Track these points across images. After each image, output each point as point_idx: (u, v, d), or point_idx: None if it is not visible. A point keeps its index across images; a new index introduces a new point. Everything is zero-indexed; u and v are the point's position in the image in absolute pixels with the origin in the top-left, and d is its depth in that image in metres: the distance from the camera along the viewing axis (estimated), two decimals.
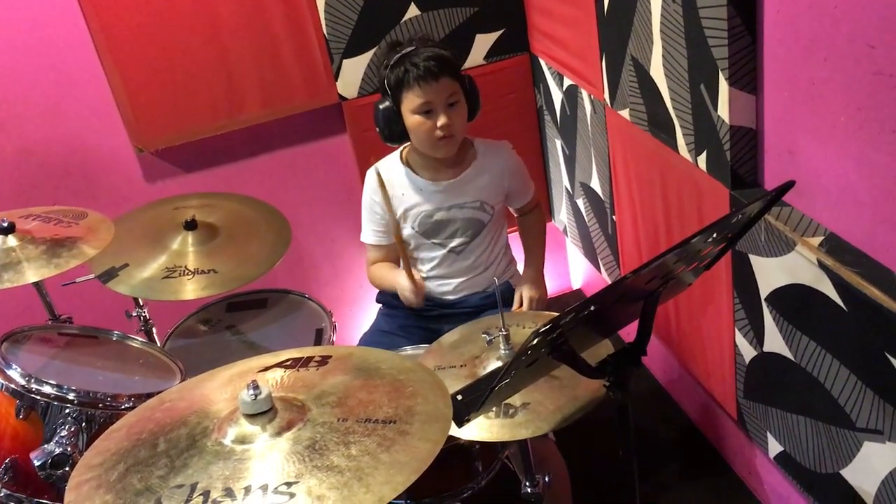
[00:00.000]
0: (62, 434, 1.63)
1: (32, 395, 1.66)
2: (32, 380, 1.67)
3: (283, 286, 2.41)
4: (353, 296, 2.88)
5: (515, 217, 2.33)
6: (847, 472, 1.64)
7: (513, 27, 2.64)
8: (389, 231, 2.17)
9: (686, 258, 1.37)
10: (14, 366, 1.70)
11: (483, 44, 2.63)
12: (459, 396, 1.34)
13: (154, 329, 2.28)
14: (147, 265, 2.07)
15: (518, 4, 2.62)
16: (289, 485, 1.06)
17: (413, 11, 2.51)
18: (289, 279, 2.61)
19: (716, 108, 1.70)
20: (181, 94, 2.45)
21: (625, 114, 2.14)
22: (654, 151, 2.04)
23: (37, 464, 1.58)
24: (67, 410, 1.67)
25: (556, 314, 1.19)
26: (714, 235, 1.34)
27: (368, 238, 2.20)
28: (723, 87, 1.65)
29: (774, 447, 1.88)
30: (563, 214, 2.88)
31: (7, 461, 1.64)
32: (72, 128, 2.45)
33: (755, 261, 1.74)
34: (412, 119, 1.99)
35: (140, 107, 2.44)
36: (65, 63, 2.38)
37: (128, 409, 1.63)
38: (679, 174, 1.96)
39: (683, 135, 1.87)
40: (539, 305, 2.16)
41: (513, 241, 2.33)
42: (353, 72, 2.54)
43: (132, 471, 1.13)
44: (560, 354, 1.30)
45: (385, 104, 2.01)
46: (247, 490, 1.07)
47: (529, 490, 1.64)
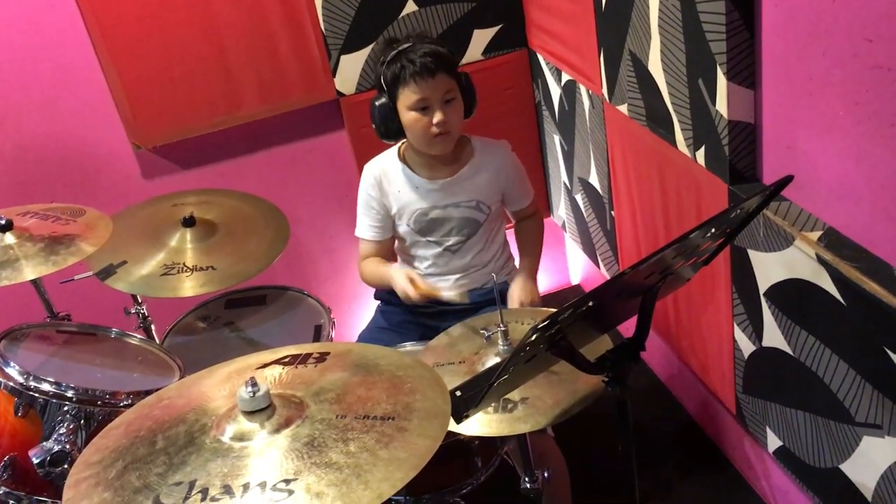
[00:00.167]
0: (61, 432, 1.63)
1: (31, 393, 1.66)
2: (31, 377, 1.67)
3: (282, 283, 2.41)
4: (352, 292, 2.88)
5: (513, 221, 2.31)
6: (846, 467, 1.64)
7: (511, 22, 2.64)
8: (385, 227, 2.16)
9: (685, 253, 1.36)
10: (12, 363, 1.69)
11: (481, 39, 2.63)
12: (458, 392, 1.33)
13: (153, 326, 2.28)
14: (145, 262, 2.07)
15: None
16: (287, 482, 1.06)
17: (411, 7, 2.51)
18: (287, 276, 2.61)
19: (714, 103, 1.70)
20: (179, 91, 2.45)
21: (623, 109, 2.14)
22: (653, 146, 2.03)
23: (35, 461, 1.58)
24: (66, 408, 1.67)
25: (555, 310, 1.19)
26: (713, 230, 1.34)
27: (364, 233, 2.19)
28: (721, 82, 1.65)
29: (774, 442, 1.88)
30: (562, 210, 2.88)
31: (6, 459, 1.64)
32: (69, 125, 2.45)
33: (754, 256, 1.74)
34: (408, 116, 1.98)
35: (138, 103, 2.44)
36: (62, 60, 2.37)
37: (126, 407, 1.63)
38: (677, 169, 1.95)
39: (682, 130, 1.87)
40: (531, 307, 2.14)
41: (511, 240, 2.32)
42: (351, 68, 2.54)
43: (130, 468, 1.13)
44: (558, 350, 1.30)
45: (381, 101, 2.01)
46: (245, 487, 1.06)
47: (529, 486, 1.64)
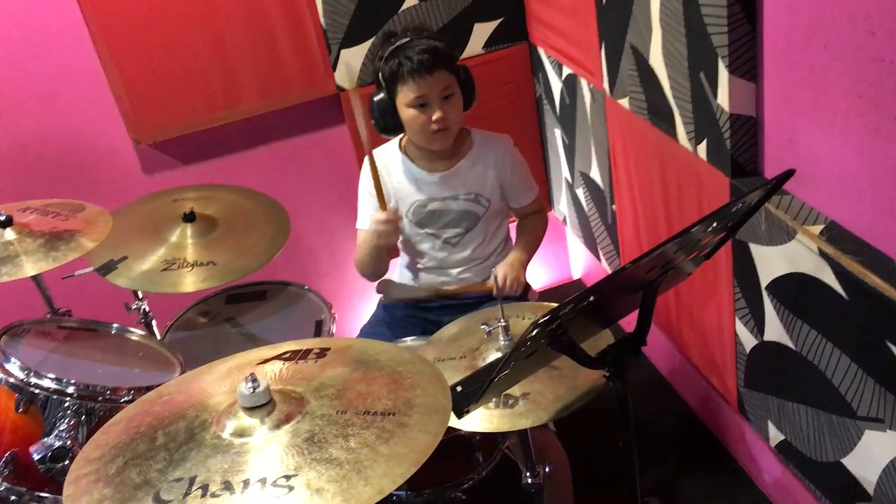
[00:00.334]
0: (62, 427, 1.63)
1: (32, 389, 1.66)
2: (32, 373, 1.67)
3: (283, 278, 2.40)
4: (353, 287, 2.88)
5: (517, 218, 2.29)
6: (848, 461, 1.63)
7: (511, 16, 2.63)
8: None
9: (686, 247, 1.36)
10: (13, 359, 1.69)
11: (482, 33, 2.62)
12: (459, 388, 1.33)
13: (154, 322, 2.28)
14: (146, 258, 2.06)
15: None
16: (287, 478, 1.06)
17: (411, 1, 2.50)
18: (288, 271, 2.61)
19: (716, 97, 1.69)
20: (178, 86, 2.44)
21: (624, 103, 2.13)
22: (654, 140, 2.03)
23: (36, 457, 1.58)
24: (67, 404, 1.67)
25: (556, 305, 1.19)
26: (714, 224, 1.34)
27: (364, 223, 2.18)
28: (722, 75, 1.64)
29: (775, 436, 1.88)
30: (563, 204, 2.88)
31: (7, 455, 1.64)
32: (69, 120, 2.45)
33: (755, 249, 1.73)
34: (407, 112, 1.98)
35: (137, 99, 2.43)
36: (62, 55, 2.37)
37: (127, 403, 1.62)
38: (679, 163, 1.95)
39: (683, 123, 1.87)
40: (513, 285, 2.09)
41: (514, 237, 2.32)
42: (351, 62, 2.53)
43: (131, 464, 1.13)
44: (559, 345, 1.30)
45: (380, 96, 2.00)
46: (245, 483, 1.06)
47: (530, 480, 1.64)
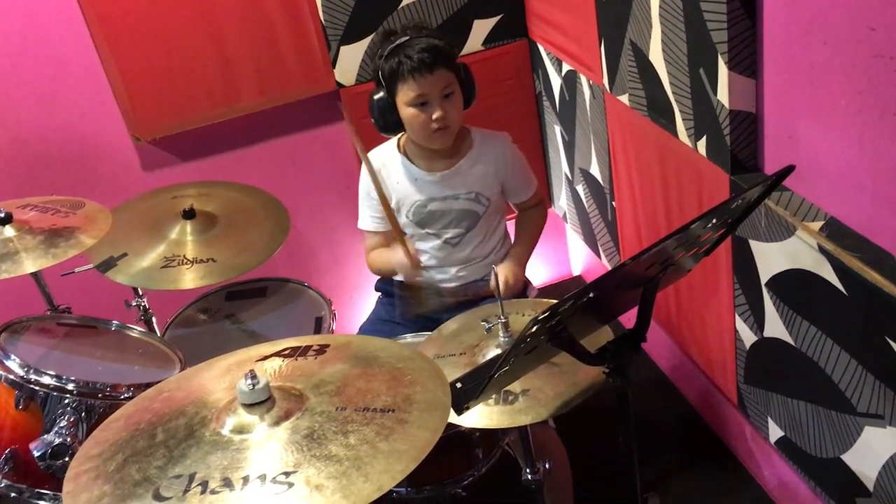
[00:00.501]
0: (62, 424, 1.64)
1: (31, 386, 1.66)
2: (31, 370, 1.67)
3: (283, 275, 2.41)
4: (353, 284, 2.88)
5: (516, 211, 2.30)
6: (848, 457, 1.63)
7: (511, 12, 2.62)
8: (387, 217, 2.16)
9: (686, 244, 1.36)
10: (13, 356, 1.69)
11: (481, 29, 2.62)
12: (459, 384, 1.33)
13: (153, 319, 2.27)
14: (145, 254, 2.06)
15: None
16: (287, 474, 1.06)
17: None
18: (288, 268, 2.61)
19: (715, 93, 1.69)
20: (178, 83, 2.44)
21: (624, 99, 2.13)
22: (654, 137, 2.03)
23: (36, 454, 1.58)
24: (67, 401, 1.67)
25: (556, 301, 1.19)
26: (714, 221, 1.33)
27: (366, 224, 2.19)
28: (722, 72, 1.64)
29: (775, 432, 1.88)
30: (563, 201, 2.88)
31: (7, 452, 1.64)
32: (69, 117, 2.45)
33: (755, 246, 1.73)
34: (407, 111, 1.97)
35: (137, 96, 2.43)
36: (61, 52, 2.37)
37: (127, 399, 1.62)
38: (679, 159, 1.95)
39: (683, 120, 1.86)
40: (516, 287, 2.13)
41: (512, 232, 2.32)
42: (351, 59, 2.53)
43: (130, 461, 1.13)
44: (559, 341, 1.30)
45: (379, 95, 2.00)
46: (245, 480, 1.06)
47: (530, 477, 1.64)
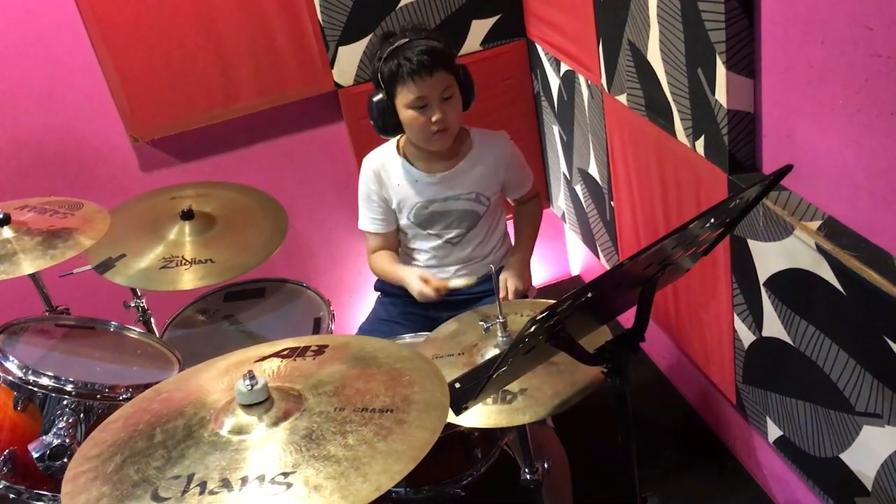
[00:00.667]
0: (60, 425, 1.64)
1: (30, 387, 1.66)
2: (30, 371, 1.67)
3: (281, 275, 2.41)
4: (352, 284, 2.88)
5: (512, 206, 2.32)
6: (846, 456, 1.64)
7: (509, 12, 2.62)
8: (387, 219, 2.16)
9: (684, 243, 1.36)
10: (11, 357, 1.69)
11: (479, 29, 2.62)
12: (457, 384, 1.33)
13: (152, 319, 2.28)
14: (144, 255, 2.06)
15: None
16: (286, 475, 1.06)
17: None
18: (287, 268, 2.61)
19: (713, 93, 1.69)
20: (176, 84, 2.44)
21: (622, 99, 2.13)
22: (652, 136, 2.03)
23: (35, 455, 1.58)
24: (65, 402, 1.67)
25: (554, 301, 1.19)
26: (712, 220, 1.33)
27: (366, 226, 2.19)
28: (720, 71, 1.64)
29: (774, 432, 1.88)
30: (562, 201, 2.88)
31: (5, 453, 1.64)
32: (67, 118, 2.44)
33: (754, 245, 1.73)
34: (406, 113, 1.97)
35: (135, 96, 2.43)
36: (59, 53, 2.37)
37: (126, 400, 1.62)
38: (677, 159, 1.95)
39: (681, 119, 1.87)
40: (522, 295, 2.14)
41: (510, 231, 2.32)
42: (349, 59, 2.53)
43: (129, 462, 1.13)
44: (558, 341, 1.30)
45: (378, 97, 2.00)
46: (244, 480, 1.06)
47: (529, 476, 1.65)
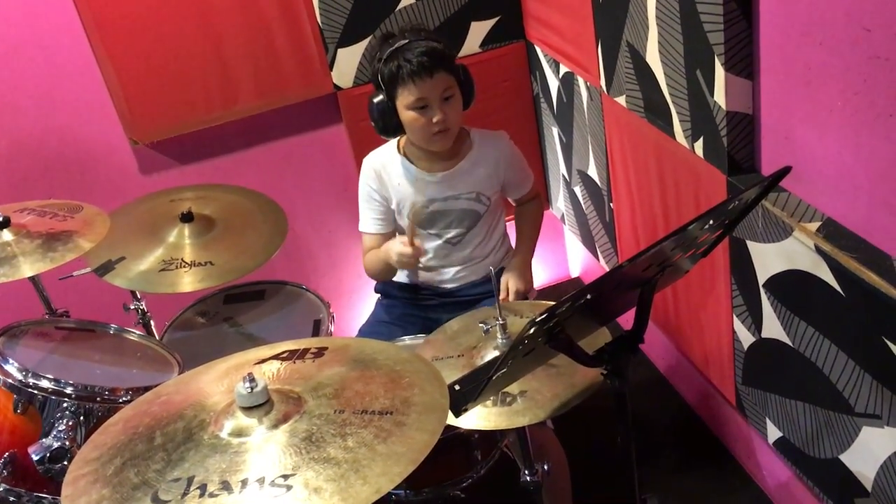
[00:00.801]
0: (60, 428, 1.64)
1: (30, 390, 1.66)
2: (30, 374, 1.67)
3: (281, 277, 2.41)
4: (352, 286, 2.88)
5: (513, 206, 2.32)
6: (846, 457, 1.64)
7: (508, 14, 2.63)
8: (388, 219, 2.16)
9: (683, 245, 1.36)
10: (11, 360, 1.69)
11: (478, 31, 2.62)
12: (457, 386, 1.33)
13: (152, 322, 2.28)
14: (144, 258, 2.06)
15: None
16: (286, 477, 1.06)
17: (408, 0, 2.50)
18: (286, 270, 2.61)
19: (712, 94, 1.69)
20: (175, 86, 2.44)
21: (621, 100, 2.13)
22: (651, 138, 2.03)
23: (35, 458, 1.58)
24: (65, 404, 1.67)
25: (553, 303, 1.19)
26: (711, 222, 1.33)
27: (368, 227, 2.19)
28: (719, 73, 1.64)
29: (773, 433, 1.88)
30: (561, 202, 2.88)
31: (5, 456, 1.64)
32: (66, 121, 2.44)
33: (753, 247, 1.73)
34: (407, 114, 1.98)
35: (134, 99, 2.43)
36: (58, 56, 2.37)
37: (126, 403, 1.62)
38: (676, 160, 1.95)
39: (680, 121, 1.87)
40: (523, 297, 2.15)
41: (510, 230, 2.32)
42: (349, 61, 2.53)
43: (129, 465, 1.13)
44: (557, 343, 1.30)
45: (379, 98, 2.00)
46: (244, 483, 1.06)
47: (528, 478, 1.65)
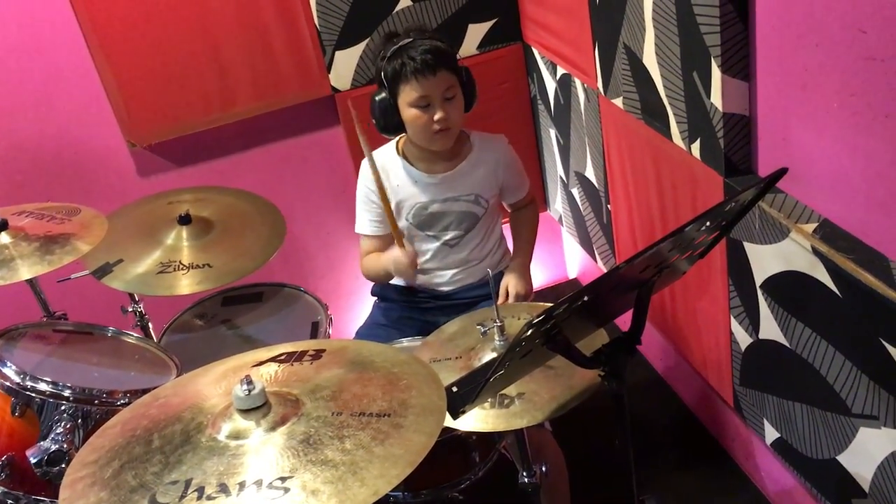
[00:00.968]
0: (58, 431, 1.64)
1: (28, 393, 1.66)
2: (28, 377, 1.67)
3: (279, 280, 2.41)
4: (349, 288, 2.88)
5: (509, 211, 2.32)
6: (843, 458, 1.64)
7: (505, 16, 2.63)
8: (385, 221, 2.16)
9: (680, 246, 1.36)
10: (9, 363, 1.69)
11: (476, 33, 2.62)
12: (454, 388, 1.33)
13: (150, 324, 2.28)
14: (141, 260, 2.06)
15: None
16: (283, 479, 1.06)
17: (405, 2, 2.50)
18: (284, 273, 2.61)
19: (709, 96, 1.70)
20: (173, 88, 2.44)
21: (618, 102, 2.14)
22: (648, 140, 2.03)
23: (33, 461, 1.58)
24: (63, 407, 1.67)
25: (551, 305, 1.19)
26: (708, 223, 1.34)
27: (364, 228, 2.19)
28: (715, 75, 1.65)
29: (771, 434, 1.88)
30: (559, 204, 2.88)
31: (3, 459, 1.64)
32: (63, 123, 2.45)
33: (750, 248, 1.74)
34: (409, 112, 1.98)
35: (132, 101, 2.43)
36: (55, 58, 2.37)
37: (124, 405, 1.62)
38: (673, 162, 1.95)
39: (677, 122, 1.87)
40: (523, 300, 2.16)
41: (507, 234, 2.33)
42: (346, 63, 2.53)
43: (127, 467, 1.13)
44: (554, 345, 1.30)
45: (381, 96, 2.01)
46: (241, 485, 1.06)
47: (527, 480, 1.65)
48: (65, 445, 1.61)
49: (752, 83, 1.63)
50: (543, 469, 1.65)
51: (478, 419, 1.47)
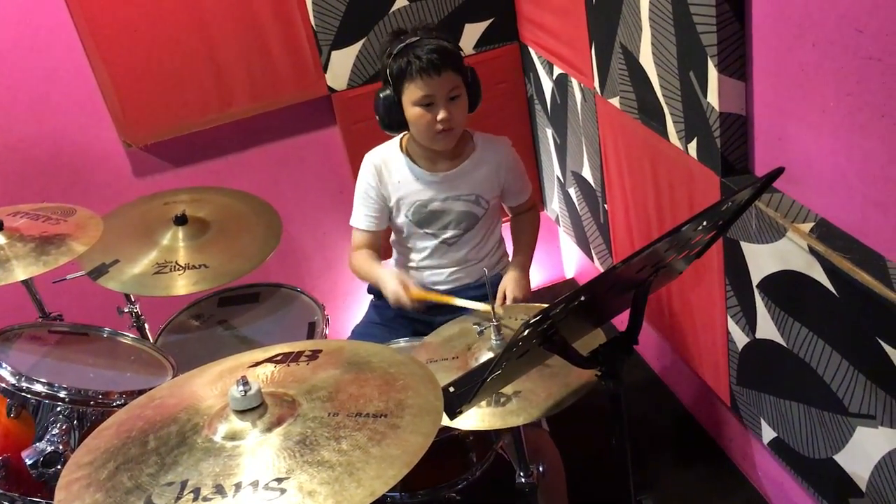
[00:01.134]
0: (54, 432, 1.63)
1: (23, 394, 1.66)
2: (23, 378, 1.67)
3: (275, 280, 2.40)
4: (346, 288, 2.88)
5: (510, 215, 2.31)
6: (840, 457, 1.64)
7: (502, 16, 2.63)
8: (381, 217, 2.16)
9: (677, 246, 1.36)
10: (4, 364, 1.69)
11: (472, 33, 2.62)
12: (451, 388, 1.33)
13: (146, 325, 2.27)
14: (137, 261, 2.06)
15: None
16: (279, 480, 1.06)
17: (401, 2, 2.50)
18: (281, 273, 2.61)
19: (705, 95, 1.70)
20: (169, 89, 2.44)
21: (615, 102, 2.14)
22: (645, 139, 2.03)
23: (28, 462, 1.58)
24: (59, 408, 1.67)
25: (547, 305, 1.19)
26: (705, 223, 1.34)
27: (359, 223, 2.18)
28: (712, 74, 1.65)
29: (768, 433, 1.88)
30: (555, 204, 2.88)
31: None
32: (59, 124, 2.44)
33: (746, 247, 1.74)
34: (412, 111, 1.98)
35: (128, 101, 2.42)
36: (51, 58, 2.36)
37: (119, 406, 1.62)
38: (670, 162, 1.95)
39: (673, 122, 1.87)
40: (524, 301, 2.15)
41: (507, 236, 2.32)
42: (342, 63, 2.53)
43: (122, 469, 1.13)
44: (551, 345, 1.30)
45: (386, 93, 2.01)
46: (237, 486, 1.06)
47: (524, 480, 1.65)
48: (60, 447, 1.60)
49: (749, 83, 1.63)
50: (541, 469, 1.66)
51: (474, 417, 1.47)
